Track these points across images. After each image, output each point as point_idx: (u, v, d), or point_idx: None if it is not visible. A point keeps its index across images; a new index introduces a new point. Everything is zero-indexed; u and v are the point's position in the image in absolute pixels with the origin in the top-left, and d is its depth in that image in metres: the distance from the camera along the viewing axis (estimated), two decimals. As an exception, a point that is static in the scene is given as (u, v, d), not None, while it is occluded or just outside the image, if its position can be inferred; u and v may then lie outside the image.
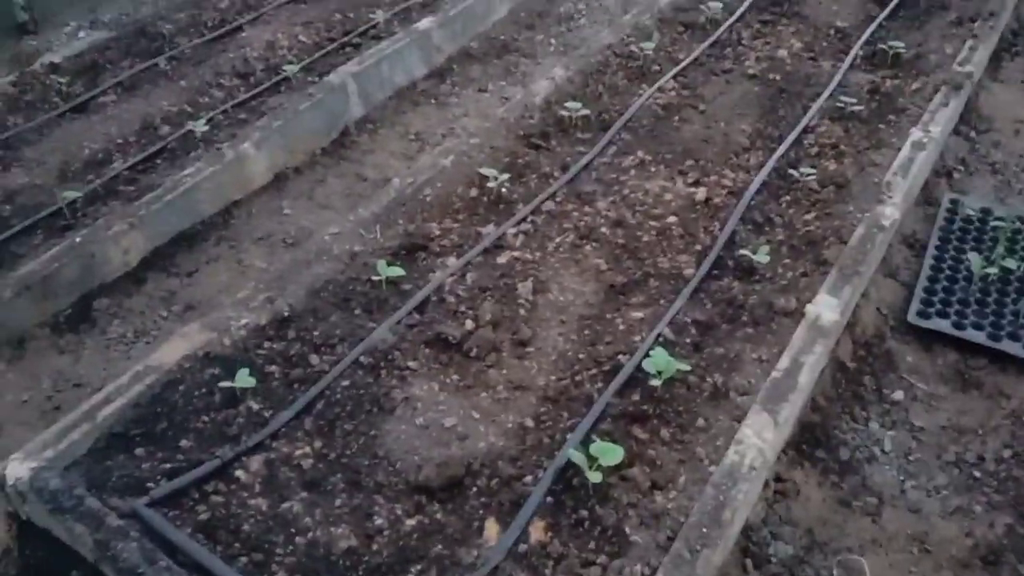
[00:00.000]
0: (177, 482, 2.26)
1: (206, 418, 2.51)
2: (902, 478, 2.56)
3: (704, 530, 2.13)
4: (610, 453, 2.24)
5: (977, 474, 2.54)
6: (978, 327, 2.92)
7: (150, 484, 2.28)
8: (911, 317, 2.98)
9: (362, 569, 2.10)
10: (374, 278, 2.94)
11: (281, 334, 2.77)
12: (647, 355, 2.58)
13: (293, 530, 2.19)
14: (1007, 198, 3.67)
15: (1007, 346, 2.86)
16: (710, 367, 2.63)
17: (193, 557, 2.06)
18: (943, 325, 2.95)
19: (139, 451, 2.40)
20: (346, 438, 2.45)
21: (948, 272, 3.15)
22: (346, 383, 2.61)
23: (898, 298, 3.13)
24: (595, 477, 2.20)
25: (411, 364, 2.67)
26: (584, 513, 2.20)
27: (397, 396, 2.55)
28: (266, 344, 2.73)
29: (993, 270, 3.09)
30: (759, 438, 2.37)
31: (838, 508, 2.48)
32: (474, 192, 3.43)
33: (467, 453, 2.38)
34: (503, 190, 3.38)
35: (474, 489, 2.29)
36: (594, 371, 2.63)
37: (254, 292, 2.91)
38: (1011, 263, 3.11)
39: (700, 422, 2.45)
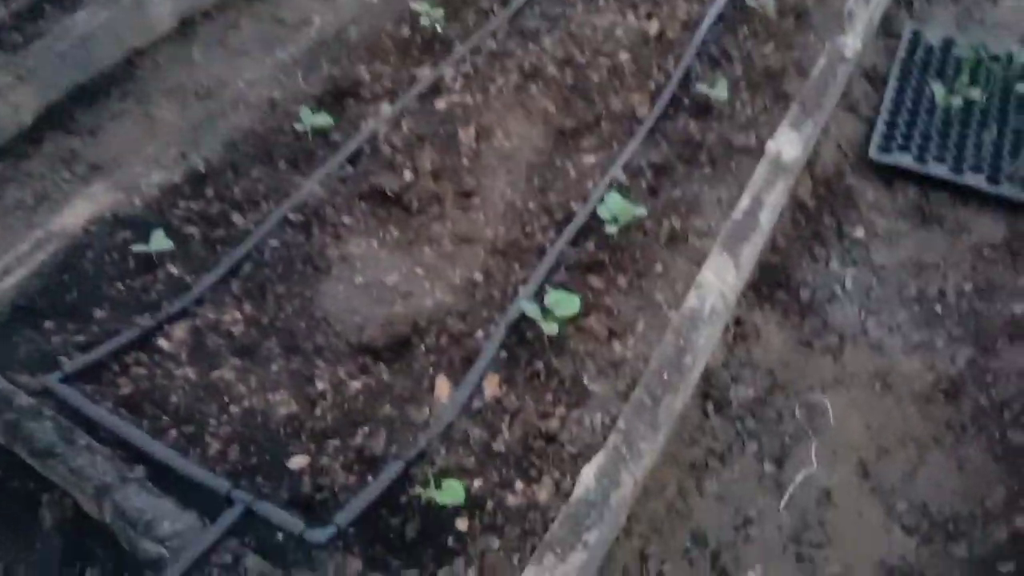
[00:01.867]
0: (93, 355, 2.05)
1: (120, 286, 2.27)
2: (863, 316, 2.49)
3: (665, 376, 2.03)
4: (566, 303, 2.09)
5: (938, 309, 2.48)
6: (940, 160, 2.81)
7: (63, 358, 2.07)
8: (872, 152, 2.84)
9: (305, 435, 1.95)
10: (298, 128, 2.66)
11: (198, 192, 2.50)
12: (601, 201, 2.41)
13: (226, 399, 2.02)
14: (968, 27, 3.50)
15: (969, 179, 2.75)
16: (667, 210, 2.47)
17: (116, 432, 1.88)
18: (904, 160, 2.83)
19: (48, 324, 2.17)
20: (279, 301, 2.25)
21: (910, 105, 3.00)
22: (275, 243, 2.38)
23: (858, 134, 2.99)
24: (551, 328, 2.06)
25: (346, 220, 2.44)
26: (540, 365, 2.07)
27: (332, 255, 2.34)
28: (182, 203, 2.47)
29: (956, 101, 2.95)
30: (720, 280, 2.24)
31: (799, 349, 2.40)
32: (405, 31, 3.11)
33: (412, 311, 2.21)
34: (437, 28, 3.07)
35: (422, 347, 2.13)
36: (545, 220, 2.45)
37: (165, 148, 2.61)
38: (974, 93, 2.97)
39: (658, 268, 2.31)
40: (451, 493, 1.75)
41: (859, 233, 2.72)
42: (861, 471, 2.13)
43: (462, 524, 1.78)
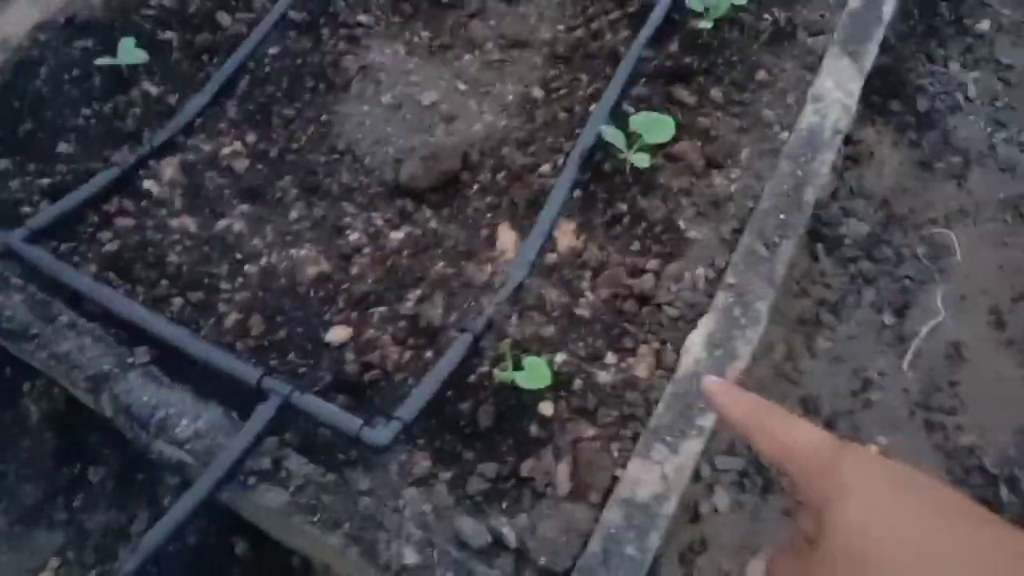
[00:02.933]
0: (65, 202, 1.63)
1: (87, 111, 1.80)
2: (990, 131, 2.08)
3: (782, 216, 1.64)
4: (657, 126, 1.65)
5: (1083, 120, 2.07)
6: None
7: (25, 210, 1.65)
8: (1006, -80, 2.29)
9: (342, 300, 1.58)
10: None
11: (171, -16, 1.96)
12: (685, -13, 1.90)
13: (239, 255, 1.62)
14: None
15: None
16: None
17: (105, 305, 1.49)
18: (1044, -71, 2.28)
19: (1, 164, 1.73)
20: (288, 128, 1.80)
21: None
22: (275, 51, 1.89)
23: None
24: (640, 160, 1.63)
25: (362, 19, 1.93)
26: (623, 207, 1.67)
27: (350, 65, 1.86)
28: (153, 1, 1.94)
29: None
30: (842, 90, 1.80)
31: (917, 173, 2.01)
32: None
33: (459, 139, 1.76)
34: None
35: (475, 187, 1.71)
36: (616, 14, 1.94)
37: (121, -75, 2.03)
38: None
39: (762, 75, 1.85)
40: (535, 374, 1.41)
41: (983, 26, 2.24)
42: (995, 320, 1.81)
43: (546, 408, 1.45)
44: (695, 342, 1.50)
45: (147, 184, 1.70)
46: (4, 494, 1.53)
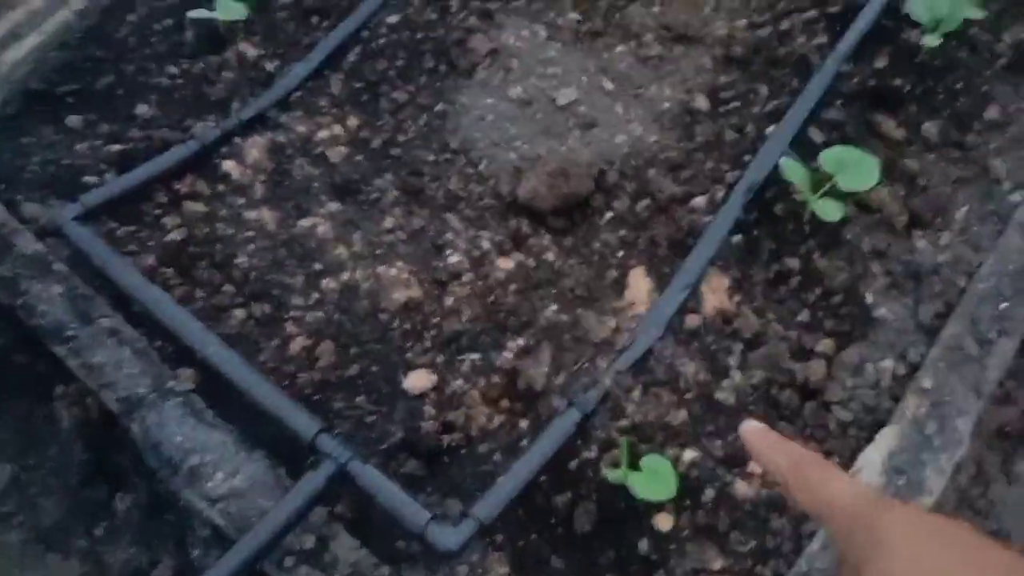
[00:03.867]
0: (129, 179, 1.40)
1: (174, 69, 1.57)
2: None
3: (1003, 305, 1.25)
4: (859, 169, 1.27)
5: None
6: None
7: (88, 179, 1.43)
8: None
9: (429, 337, 1.29)
10: None
11: (287, -71, 1.70)
12: (906, -13, 1.50)
13: (318, 266, 1.36)
14: None
15: None
16: (1007, 13, 1.54)
17: (153, 311, 1.26)
18: None
19: (72, 121, 1.52)
20: (397, 115, 1.51)
21: None
22: (394, 20, 1.60)
23: None
24: (829, 210, 1.27)
25: (500, -10, 1.62)
26: (794, 265, 1.31)
27: (478, 46, 1.55)
28: (264, -54, 1.68)
29: None
30: (1105, 146, 1.37)
31: None
32: None
33: (596, 152, 1.44)
34: None
35: (608, 215, 1.38)
36: (812, 14, 1.56)
37: None
38: None
39: (993, 112, 1.44)
40: (656, 480, 1.09)
41: None
42: None
43: (664, 521, 1.13)
44: (871, 461, 1.14)
45: (227, 165, 1.45)
46: (24, 507, 1.33)
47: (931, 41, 1.41)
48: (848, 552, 0.50)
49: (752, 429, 0.62)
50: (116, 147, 1.46)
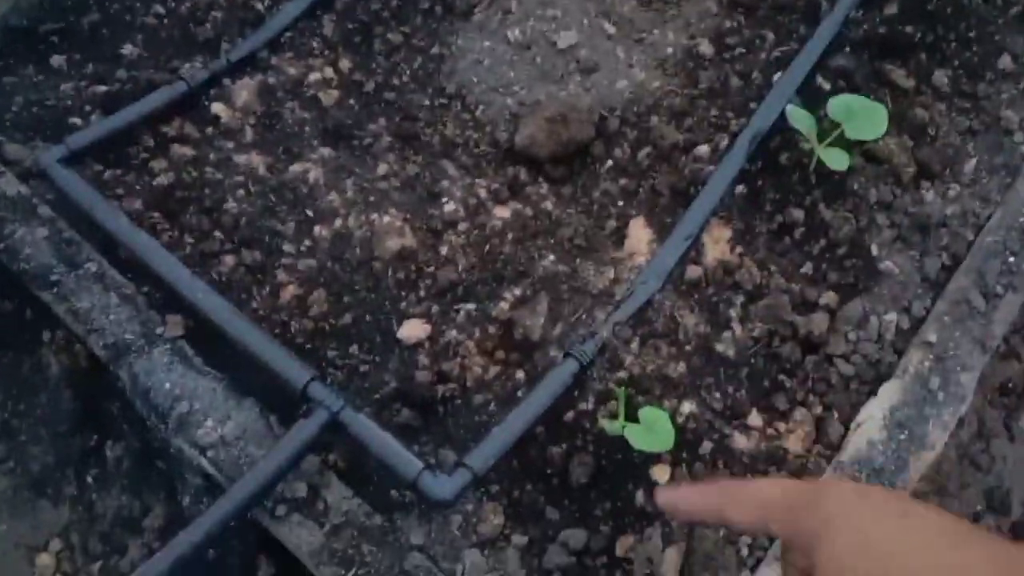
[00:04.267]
0: (114, 120, 1.36)
1: (160, 8, 1.52)
2: None
3: (1011, 258, 1.23)
4: (867, 117, 1.23)
5: None
6: None
7: (74, 121, 1.39)
8: None
9: (424, 286, 1.26)
10: None
11: None
12: (919, -70, 1.44)
13: (310, 213, 1.32)
14: None
15: None
16: (1026, -42, 1.49)
17: (141, 256, 1.22)
18: None
19: (56, 61, 1.47)
20: (391, 57, 1.47)
21: None
22: (390, -43, 1.54)
23: None
24: (836, 159, 1.23)
25: (499, -74, 1.56)
26: (798, 215, 1.28)
27: (476, -14, 1.50)
28: None
29: None
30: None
31: None
32: None
33: (597, 98, 1.39)
34: None
35: (609, 164, 1.35)
36: (822, -44, 1.51)
37: None
38: None
39: (1006, 62, 1.40)
40: (653, 432, 1.07)
41: None
42: None
43: (661, 473, 1.11)
44: (872, 416, 1.13)
45: (216, 107, 1.41)
46: (13, 453, 1.32)
47: (943, -15, 1.36)
48: (796, 539, 0.51)
49: (664, 493, 0.61)
50: (101, 88, 1.42)
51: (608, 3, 1.49)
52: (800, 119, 1.25)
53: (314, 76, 1.45)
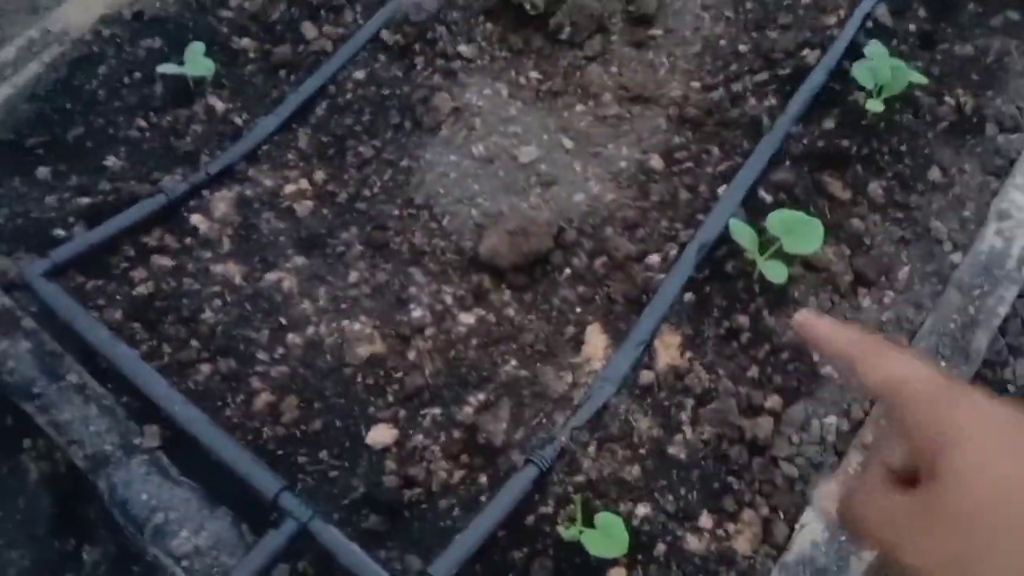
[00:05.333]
0: (97, 234, 1.42)
1: (142, 122, 1.60)
2: None
3: (942, 364, 1.31)
4: (803, 232, 1.33)
5: None
6: None
7: (57, 232, 1.45)
8: None
9: (392, 392, 1.33)
10: None
11: (256, -14, 1.74)
12: (851, 51, 1.57)
13: (283, 321, 1.39)
14: None
15: None
16: (950, 78, 1.62)
17: (119, 366, 1.28)
18: None
19: (41, 173, 1.54)
20: (363, 169, 1.55)
21: None
22: (361, 75, 1.65)
23: None
24: (775, 272, 1.33)
25: (463, 50, 1.67)
26: (744, 322, 1.36)
27: (442, 104, 1.59)
28: (233, 1, 1.72)
29: None
30: (1037, 209, 1.45)
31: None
32: None
33: (555, 211, 1.49)
34: None
35: (567, 272, 1.43)
36: (763, 76, 1.62)
37: (214, -90, 1.82)
38: None
39: (935, 174, 1.51)
40: (609, 538, 1.13)
41: None
42: None
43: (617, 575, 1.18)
44: (815, 516, 1.20)
45: (195, 219, 1.48)
46: (-11, 558, 1.34)
47: (874, 106, 1.48)
48: (914, 434, 0.46)
49: (804, 315, 0.57)
50: (85, 200, 1.49)
51: (566, 119, 1.60)
52: (742, 233, 1.35)
53: (290, 187, 1.53)
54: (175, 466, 1.22)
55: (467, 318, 1.40)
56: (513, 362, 1.35)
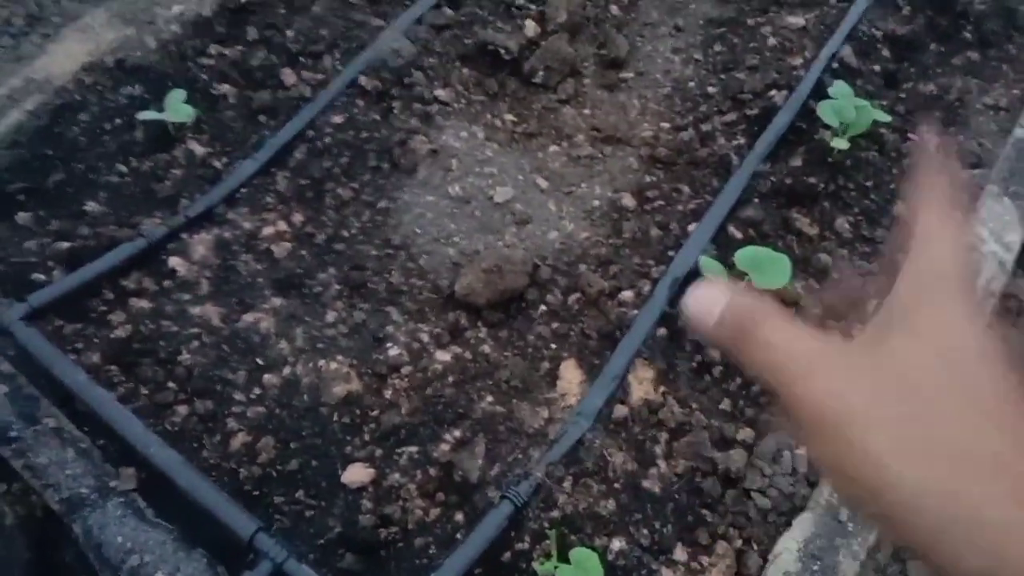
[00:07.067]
0: (75, 278, 1.44)
1: (123, 167, 1.62)
2: None
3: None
4: (771, 268, 1.36)
5: None
6: None
7: (37, 276, 1.46)
8: None
9: (368, 431, 1.34)
10: (381, -55, 1.88)
11: (236, 34, 1.78)
12: (817, 92, 1.62)
13: (260, 361, 1.40)
14: None
15: None
16: (913, 115, 1.67)
17: (96, 409, 1.29)
18: None
19: (21, 217, 1.56)
20: (342, 211, 1.58)
21: None
22: (339, 119, 1.68)
23: None
24: (744, 307, 1.35)
25: (440, 94, 1.71)
26: (716, 356, 1.39)
27: (419, 147, 1.63)
28: (213, 49, 1.76)
29: None
30: (998, 242, 1.48)
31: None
32: None
33: (530, 249, 1.51)
34: None
35: (542, 309, 1.46)
36: (731, 116, 1.67)
37: (195, -38, 1.87)
38: None
39: (901, 208, 1.55)
40: (583, 573, 1.14)
41: None
42: None
43: (594, 610, 1.18)
44: (788, 548, 1.21)
45: (173, 261, 1.50)
46: (-37, 604, 1.33)
47: (840, 144, 1.52)
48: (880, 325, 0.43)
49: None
50: (65, 244, 1.50)
51: (541, 159, 1.63)
52: (711, 269, 1.37)
53: (268, 230, 1.56)
54: (151, 508, 1.22)
55: (443, 355, 1.41)
56: (489, 398, 1.36)
